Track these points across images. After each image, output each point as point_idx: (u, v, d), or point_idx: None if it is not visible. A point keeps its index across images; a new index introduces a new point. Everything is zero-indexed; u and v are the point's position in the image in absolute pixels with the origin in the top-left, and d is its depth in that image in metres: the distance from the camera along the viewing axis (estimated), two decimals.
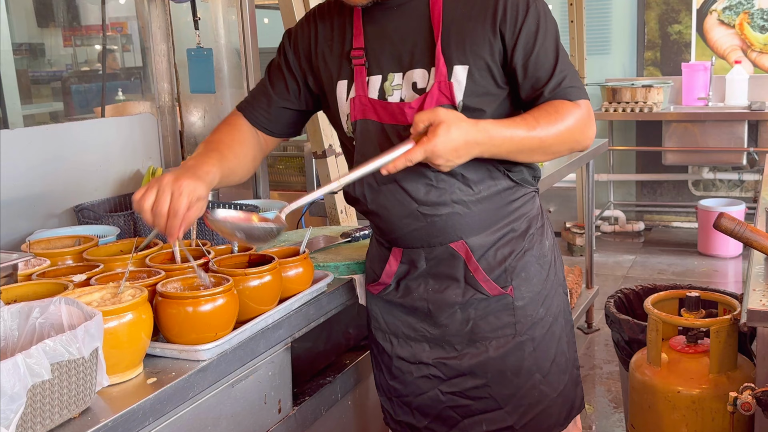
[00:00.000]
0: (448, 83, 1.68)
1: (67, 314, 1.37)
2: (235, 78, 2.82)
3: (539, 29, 1.68)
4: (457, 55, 1.68)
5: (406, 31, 1.74)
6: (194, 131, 2.95)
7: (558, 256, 1.94)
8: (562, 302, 1.92)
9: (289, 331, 1.80)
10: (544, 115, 1.66)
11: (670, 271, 5.77)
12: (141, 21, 3.05)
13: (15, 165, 2.26)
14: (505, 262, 1.80)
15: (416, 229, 1.79)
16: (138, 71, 3.70)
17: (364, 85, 1.76)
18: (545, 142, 1.66)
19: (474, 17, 1.69)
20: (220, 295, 1.56)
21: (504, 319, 1.81)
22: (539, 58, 1.68)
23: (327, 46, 1.83)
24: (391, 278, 1.89)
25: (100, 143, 2.58)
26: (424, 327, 1.88)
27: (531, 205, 1.87)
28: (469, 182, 1.74)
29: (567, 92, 1.69)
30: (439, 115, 1.56)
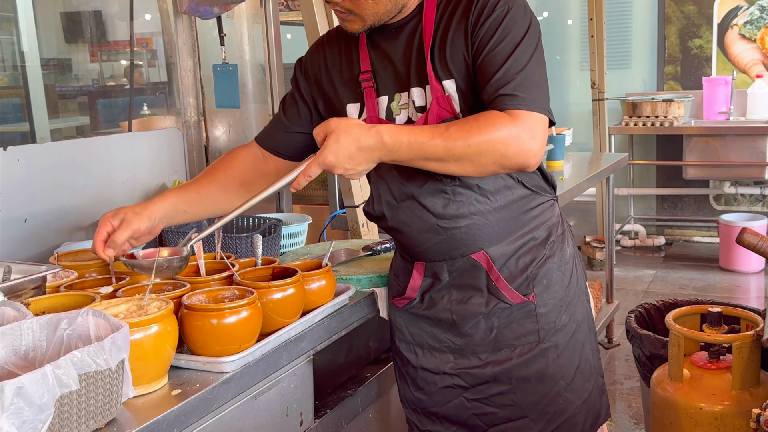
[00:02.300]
0: (445, 97, 1.70)
1: (94, 326, 1.38)
2: (259, 93, 2.85)
3: (497, 31, 1.62)
4: (443, 70, 1.70)
5: (403, 52, 1.77)
6: (219, 145, 2.98)
7: (579, 263, 1.95)
8: (585, 309, 1.92)
9: (311, 344, 1.81)
10: (459, 125, 1.58)
11: (691, 286, 5.73)
12: (167, 37, 3.09)
13: (44, 178, 2.30)
14: (526, 270, 1.81)
15: (437, 243, 1.81)
16: (163, 86, 3.75)
17: (375, 107, 1.81)
18: (453, 151, 1.56)
19: (454, 29, 1.69)
20: (244, 307, 1.57)
21: (527, 326, 1.82)
22: (485, 61, 1.62)
23: (336, 70, 1.88)
24: (416, 292, 1.91)
25: (127, 157, 2.62)
26: (449, 337, 1.89)
27: (550, 212, 1.88)
28: (486, 192, 1.76)
29: (501, 101, 1.59)
30: (331, 125, 1.56)
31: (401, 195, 1.79)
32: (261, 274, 1.85)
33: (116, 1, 3.46)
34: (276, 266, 1.88)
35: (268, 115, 2.82)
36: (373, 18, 1.71)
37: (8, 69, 4.00)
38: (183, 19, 2.89)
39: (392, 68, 1.79)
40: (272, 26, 2.74)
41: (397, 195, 1.80)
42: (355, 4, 1.68)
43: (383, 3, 1.69)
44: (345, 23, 1.75)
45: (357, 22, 1.72)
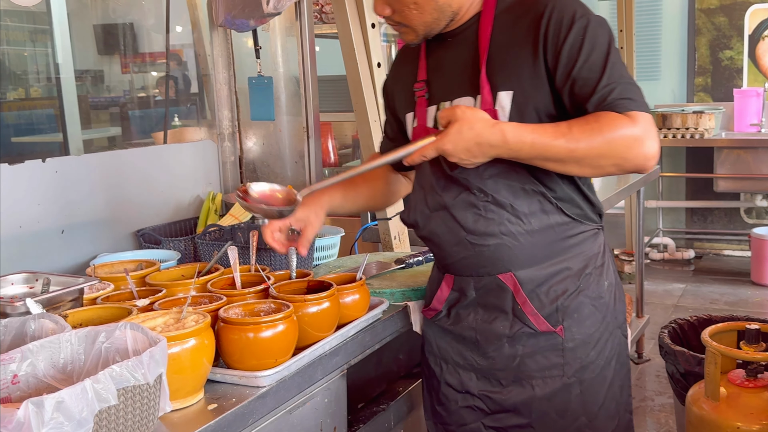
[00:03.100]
0: (493, 111, 1.67)
1: (132, 339, 1.38)
2: (293, 105, 2.85)
3: (584, 44, 1.61)
4: (502, 80, 1.68)
5: (456, 61, 1.77)
6: (252, 157, 2.99)
7: (620, 298, 1.87)
8: (618, 345, 1.85)
9: (345, 358, 1.80)
10: (580, 124, 1.57)
11: (722, 301, 5.65)
12: (198, 49, 3.11)
13: (81, 190, 2.32)
14: (557, 301, 1.76)
15: (465, 258, 1.80)
16: (194, 97, 3.78)
17: (424, 115, 1.82)
18: (576, 152, 1.57)
19: (519, 41, 1.67)
20: (280, 321, 1.57)
21: (552, 359, 1.78)
22: (582, 74, 1.61)
23: (401, 80, 1.93)
24: (442, 304, 1.90)
25: (162, 169, 2.64)
26: (473, 356, 1.86)
27: (591, 243, 1.81)
28: (519, 214, 1.72)
29: (614, 106, 1.57)
30: (457, 113, 1.58)
31: (435, 205, 1.79)
32: (296, 287, 1.85)
33: (151, 14, 3.50)
34: (311, 279, 1.88)
35: (302, 128, 2.82)
36: (424, 27, 1.73)
37: (43, 80, 4.05)
38: (219, 32, 2.91)
39: (444, 77, 1.80)
40: (307, 39, 2.75)
41: (431, 205, 1.80)
42: (403, 17, 1.72)
43: (429, 12, 1.70)
44: (402, 36, 1.79)
45: (410, 33, 1.76)
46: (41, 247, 2.19)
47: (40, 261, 2.16)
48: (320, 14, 3.50)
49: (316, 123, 2.82)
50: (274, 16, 2.68)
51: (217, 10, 2.76)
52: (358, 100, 2.47)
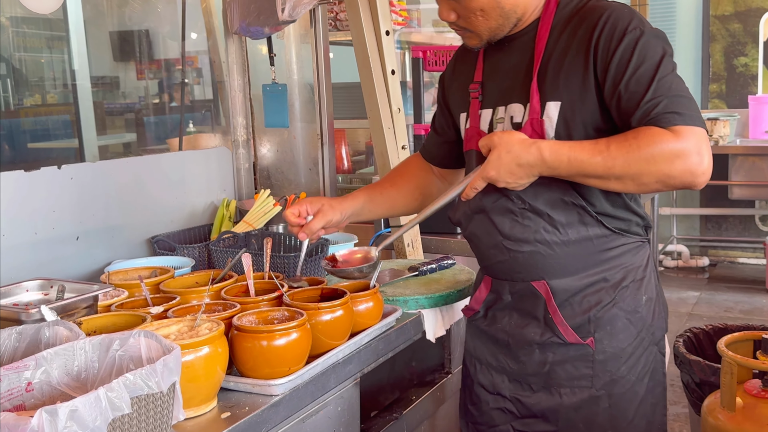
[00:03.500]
0: (540, 120, 1.67)
1: (146, 347, 1.38)
2: (307, 112, 2.85)
3: (633, 56, 1.58)
4: (551, 90, 1.67)
5: (511, 66, 1.77)
6: (266, 164, 2.99)
7: (659, 314, 1.82)
8: (653, 362, 1.80)
9: (358, 366, 1.80)
10: (619, 141, 1.55)
11: (737, 309, 5.61)
12: (213, 56, 3.12)
13: (96, 196, 2.33)
14: (589, 312, 1.74)
15: (501, 262, 1.80)
16: (208, 104, 3.79)
17: (477, 118, 1.82)
18: (614, 170, 1.54)
19: (572, 51, 1.65)
20: (294, 329, 1.56)
21: (581, 369, 1.76)
22: (629, 87, 1.57)
23: (457, 80, 1.94)
24: (480, 305, 1.90)
25: (177, 176, 2.64)
26: (506, 359, 1.86)
27: (633, 255, 1.77)
28: (556, 224, 1.71)
29: (657, 120, 1.53)
30: (494, 140, 1.62)
31: (476, 207, 1.80)
32: (310, 295, 1.84)
33: (166, 21, 3.52)
34: (324, 287, 1.88)
35: (316, 135, 2.83)
36: (488, 33, 1.74)
37: (59, 87, 4.07)
38: (234, 39, 2.91)
39: (498, 81, 1.80)
40: (321, 46, 2.75)
41: (473, 207, 1.81)
42: (468, 22, 1.72)
43: (494, 18, 1.70)
44: (465, 40, 1.80)
45: (474, 38, 1.76)
46: (56, 254, 2.20)
47: (55, 267, 2.17)
48: (335, 21, 3.50)
49: (330, 130, 2.82)
50: (289, 23, 2.68)
51: (232, 18, 2.77)
52: (372, 108, 2.47)
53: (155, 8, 3.47)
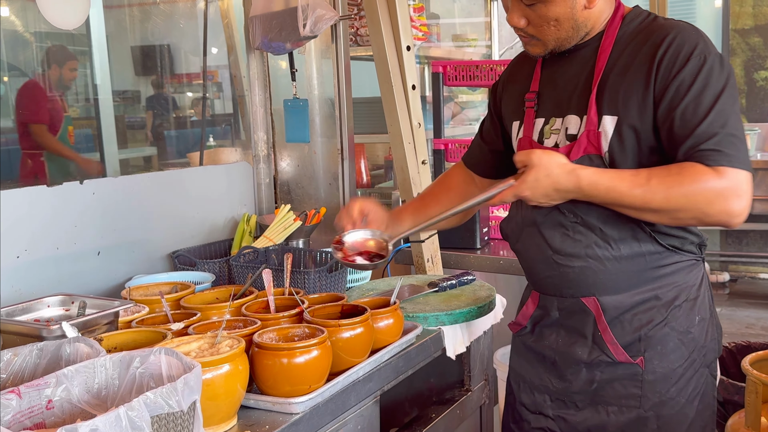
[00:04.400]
0: (596, 133, 1.65)
1: (166, 365, 1.38)
2: (328, 128, 2.85)
3: (695, 83, 1.55)
4: (609, 104, 1.65)
5: (570, 78, 1.75)
6: (287, 179, 3.00)
7: (712, 335, 1.78)
8: (704, 385, 1.76)
9: (378, 384, 1.78)
10: (661, 175, 1.54)
11: (759, 326, 5.53)
12: (234, 71, 3.13)
13: (117, 211, 2.34)
14: (640, 331, 1.70)
15: (549, 276, 1.77)
16: (228, 118, 3.80)
17: (531, 127, 1.81)
18: (651, 204, 1.54)
19: (634, 67, 1.63)
20: (314, 347, 1.55)
21: (630, 389, 1.73)
22: (685, 114, 1.55)
23: (512, 89, 1.92)
24: (527, 320, 1.87)
25: (198, 190, 2.65)
26: (549, 378, 1.83)
27: (687, 273, 1.73)
28: (609, 239, 1.68)
29: (704, 155, 1.51)
30: (533, 159, 1.60)
31: (527, 220, 1.79)
32: (330, 312, 1.83)
33: (187, 36, 3.54)
34: (345, 303, 1.87)
35: (336, 150, 2.83)
36: (555, 43, 1.71)
37: (81, 101, 4.11)
38: (255, 54, 2.92)
39: (555, 91, 1.78)
40: (343, 62, 2.76)
41: (525, 220, 1.80)
42: (538, 30, 1.69)
43: (565, 29, 1.68)
44: (527, 47, 1.77)
45: (539, 46, 1.74)
46: (78, 269, 2.20)
47: (76, 282, 2.17)
48: (355, 37, 3.51)
49: (350, 145, 2.82)
50: (311, 39, 2.69)
51: (254, 33, 2.78)
52: (392, 122, 2.47)
53: (177, 24, 3.49)
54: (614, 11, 1.72)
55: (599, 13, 1.69)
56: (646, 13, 1.72)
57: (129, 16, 3.89)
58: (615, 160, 1.64)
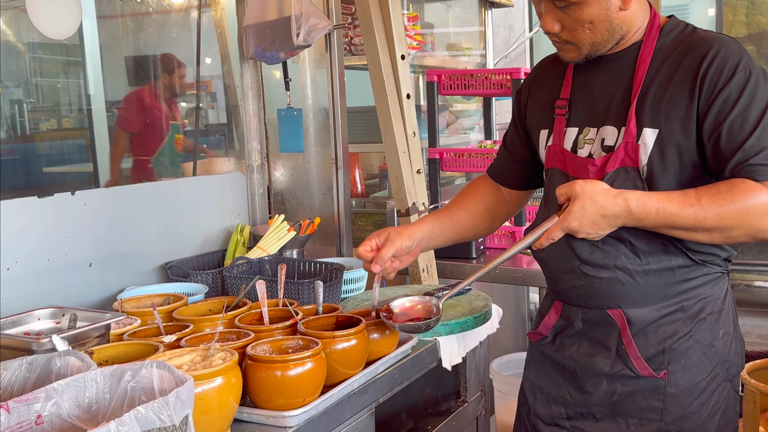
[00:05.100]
0: (635, 145, 1.62)
1: (158, 378, 1.36)
2: (322, 137, 2.84)
3: (741, 97, 1.55)
4: (650, 117, 1.63)
5: (606, 87, 1.72)
6: (281, 189, 2.98)
7: (736, 350, 1.76)
8: (726, 399, 1.74)
9: (374, 396, 1.77)
10: (711, 193, 1.52)
11: (755, 334, 5.52)
12: (228, 80, 3.12)
13: (109, 222, 2.32)
14: (664, 343, 1.69)
15: (575, 287, 1.75)
16: (222, 128, 3.79)
17: (561, 135, 1.77)
18: (704, 223, 1.52)
19: (676, 80, 1.61)
20: (309, 359, 1.54)
21: (652, 402, 1.70)
22: (732, 128, 1.55)
23: (539, 94, 1.89)
24: (549, 330, 1.85)
25: (191, 201, 2.63)
26: (568, 389, 1.81)
27: (712, 286, 1.72)
28: (638, 251, 1.66)
29: (753, 170, 1.51)
30: (575, 190, 1.55)
31: None
32: (325, 323, 1.82)
33: (181, 46, 3.53)
34: (339, 314, 1.85)
35: (331, 160, 2.82)
36: (590, 48, 1.68)
37: (74, 111, 4.09)
38: (249, 64, 2.92)
39: (589, 100, 1.75)
40: (337, 71, 2.75)
41: None
42: (572, 35, 1.66)
43: (600, 32, 1.65)
44: (561, 52, 1.73)
45: (573, 51, 1.70)
46: (69, 281, 2.18)
47: (67, 294, 2.15)
48: (349, 46, 3.50)
49: (345, 154, 2.81)
50: (304, 48, 2.68)
51: (247, 43, 2.77)
52: (387, 132, 2.45)
53: (170, 33, 3.49)
54: (651, 20, 1.70)
55: (634, 17, 1.67)
56: (683, 24, 1.70)
57: (122, 26, 3.88)
58: (654, 173, 1.62)
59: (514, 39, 5.75)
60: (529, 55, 5.95)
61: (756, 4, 6.36)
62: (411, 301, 1.84)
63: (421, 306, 1.83)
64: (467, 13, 4.99)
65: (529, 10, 5.80)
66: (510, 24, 5.82)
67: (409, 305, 1.83)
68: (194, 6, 3.13)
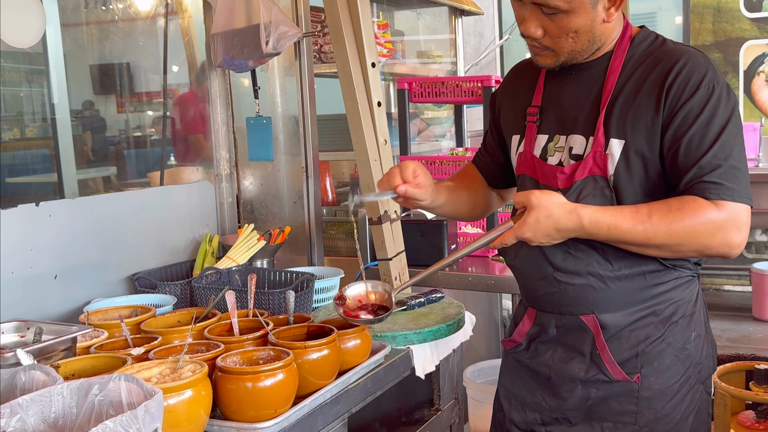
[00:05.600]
0: (603, 155, 1.64)
1: (126, 391, 1.34)
2: (291, 145, 2.83)
3: (702, 112, 1.57)
4: (617, 127, 1.64)
5: (576, 96, 1.73)
6: (250, 198, 2.96)
7: (707, 353, 1.78)
8: (699, 402, 1.76)
9: (347, 406, 1.76)
10: (662, 211, 1.55)
11: (724, 338, 5.58)
12: (194, 89, 3.09)
13: (75, 233, 2.28)
14: (638, 347, 1.70)
15: (549, 294, 1.76)
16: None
17: (532, 142, 1.79)
18: (654, 240, 1.56)
19: (643, 92, 1.63)
20: (280, 370, 1.53)
21: (625, 405, 1.72)
22: (691, 143, 1.57)
23: (512, 99, 1.90)
24: (523, 337, 1.86)
25: (158, 211, 2.60)
26: (542, 395, 1.81)
27: (683, 290, 1.74)
28: (609, 258, 1.68)
29: (705, 188, 1.54)
30: (532, 200, 1.57)
31: None
32: (296, 333, 1.81)
33: (148, 54, 3.49)
34: (311, 324, 1.83)
35: (301, 168, 2.80)
36: (568, 55, 1.68)
37: (38, 120, 4.02)
38: (217, 72, 2.89)
39: (560, 109, 1.76)
40: (306, 78, 2.74)
41: None
42: (554, 42, 1.66)
43: (582, 42, 1.65)
44: (537, 57, 1.72)
45: (550, 57, 1.70)
46: (34, 293, 2.14)
47: (32, 307, 2.11)
48: (319, 54, 3.49)
49: (315, 162, 2.80)
50: (274, 56, 2.66)
51: (215, 51, 2.75)
52: (358, 140, 2.44)
53: (137, 42, 3.45)
54: (623, 31, 1.71)
55: (611, 30, 1.68)
56: (654, 35, 1.72)
57: (87, 35, 3.83)
58: (620, 183, 1.64)
59: (484, 46, 5.78)
60: (499, 62, 5.99)
61: (722, 12, 6.46)
62: (365, 290, 1.89)
63: (375, 296, 1.89)
64: (437, 21, 5.01)
65: (499, 18, 5.84)
66: (480, 32, 5.85)
67: (363, 293, 1.89)
68: (161, 14, 3.09)
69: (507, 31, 5.59)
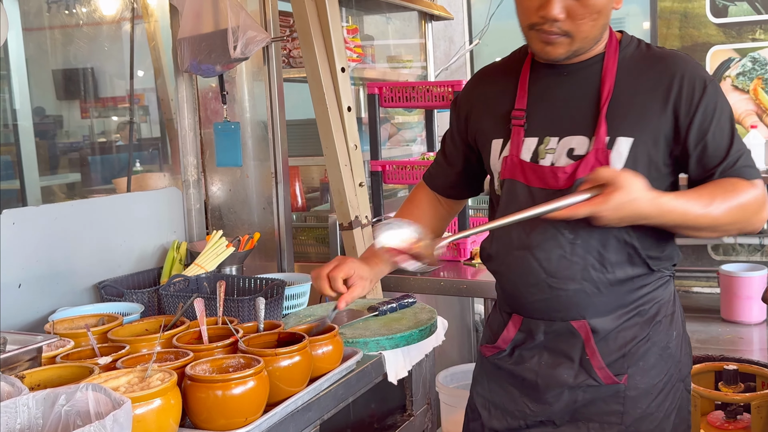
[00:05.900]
0: (605, 151, 1.65)
1: (94, 401, 1.32)
2: (260, 151, 2.81)
3: (716, 109, 1.66)
4: (624, 126, 1.66)
5: (570, 98, 1.74)
6: (218, 204, 2.93)
7: (686, 351, 1.83)
8: (680, 399, 1.79)
9: (318, 413, 1.74)
10: (720, 192, 1.62)
11: (693, 339, 5.60)
12: (161, 94, 3.06)
13: (39, 241, 2.24)
14: (624, 348, 1.72)
15: (540, 300, 1.75)
16: (155, 142, 3.71)
17: (519, 146, 1.76)
18: (718, 221, 1.61)
19: (645, 92, 1.68)
20: (250, 377, 1.50)
21: (612, 405, 1.73)
22: (715, 137, 1.65)
23: (489, 105, 1.87)
24: (507, 344, 1.84)
25: (125, 218, 2.56)
26: (526, 402, 1.81)
27: (663, 290, 1.78)
28: (605, 262, 1.68)
29: (742, 171, 1.65)
30: (621, 181, 1.52)
31: (519, 244, 1.74)
32: (266, 340, 1.78)
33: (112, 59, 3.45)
34: (281, 331, 1.82)
35: (270, 174, 2.78)
36: (582, 43, 1.67)
37: None
38: (184, 77, 2.86)
39: (550, 110, 1.75)
40: (275, 83, 2.72)
41: (515, 243, 1.75)
42: (575, 25, 1.63)
43: (598, 27, 1.66)
44: (548, 47, 1.67)
45: (564, 45, 1.66)
46: None
47: None
48: (288, 58, 3.47)
49: (284, 168, 2.78)
50: (242, 61, 2.64)
51: (182, 56, 2.72)
52: (328, 145, 2.44)
53: (101, 46, 3.41)
54: (610, 35, 1.74)
55: (605, 30, 1.71)
56: (636, 39, 1.77)
57: (50, 39, 3.78)
58: None
59: (454, 51, 5.79)
60: (469, 67, 6.00)
61: (689, 17, 6.54)
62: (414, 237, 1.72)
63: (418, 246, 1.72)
64: (407, 26, 5.01)
65: (469, 23, 5.85)
66: (450, 36, 5.86)
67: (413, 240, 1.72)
68: (127, 18, 3.06)
69: (477, 36, 5.61)
